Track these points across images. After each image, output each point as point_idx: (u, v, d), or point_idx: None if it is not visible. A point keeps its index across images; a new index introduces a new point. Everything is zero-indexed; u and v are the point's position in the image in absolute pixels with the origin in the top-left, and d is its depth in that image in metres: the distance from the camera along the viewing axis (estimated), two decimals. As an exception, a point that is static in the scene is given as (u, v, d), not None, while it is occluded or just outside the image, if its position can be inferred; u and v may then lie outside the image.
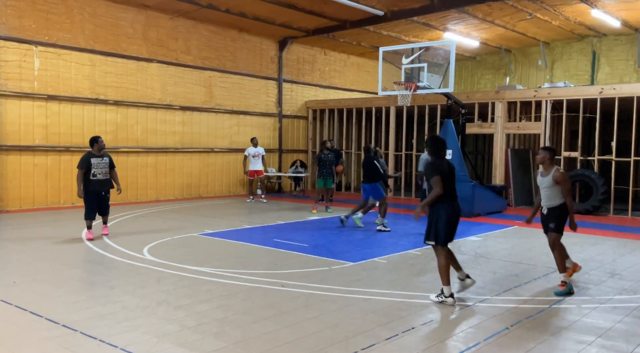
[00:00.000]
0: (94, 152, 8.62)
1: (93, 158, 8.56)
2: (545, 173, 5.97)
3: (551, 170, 5.93)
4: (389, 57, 12.83)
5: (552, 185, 5.88)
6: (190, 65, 15.21)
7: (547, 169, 5.99)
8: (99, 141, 8.67)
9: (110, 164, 8.77)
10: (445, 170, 5.55)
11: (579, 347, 4.29)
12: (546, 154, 6.01)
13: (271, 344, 4.23)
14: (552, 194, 5.93)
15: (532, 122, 14.26)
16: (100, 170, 8.60)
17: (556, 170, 5.89)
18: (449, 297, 5.40)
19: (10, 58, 11.81)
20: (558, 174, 5.84)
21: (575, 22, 15.88)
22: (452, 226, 5.57)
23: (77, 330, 4.44)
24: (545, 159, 5.99)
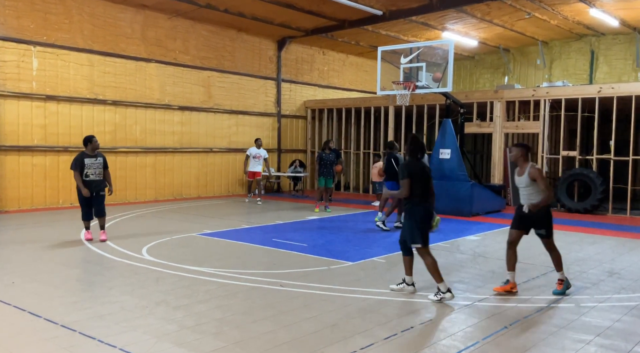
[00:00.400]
0: (87, 152, 8.42)
1: (86, 158, 8.36)
2: (521, 171, 5.72)
3: (526, 167, 5.67)
4: (388, 56, 12.84)
5: (529, 183, 5.62)
6: (189, 65, 15.20)
7: (522, 167, 5.72)
8: (93, 141, 8.46)
9: (104, 164, 8.56)
10: (417, 172, 5.56)
11: (578, 345, 4.29)
12: (519, 151, 5.73)
13: (270, 344, 4.24)
14: (532, 192, 5.65)
15: (531, 121, 14.27)
16: (94, 170, 8.39)
17: (531, 167, 5.66)
18: (446, 293, 5.42)
19: (8, 58, 11.80)
20: (533, 170, 5.61)
21: (574, 21, 15.89)
22: (427, 227, 5.60)
23: (76, 331, 4.44)
24: (518, 156, 5.73)
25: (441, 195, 12.29)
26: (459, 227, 10.53)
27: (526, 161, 5.72)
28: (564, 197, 13.21)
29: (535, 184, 5.60)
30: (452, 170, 12.28)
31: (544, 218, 5.73)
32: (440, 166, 12.46)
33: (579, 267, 7.12)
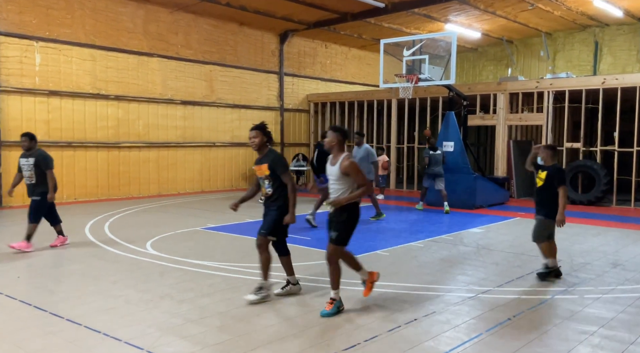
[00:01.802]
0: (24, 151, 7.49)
1: (21, 158, 7.50)
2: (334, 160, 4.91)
3: (339, 157, 4.85)
4: (390, 49, 12.79)
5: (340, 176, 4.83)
6: (191, 60, 15.18)
7: (335, 156, 4.91)
8: (21, 139, 7.43)
9: (36, 164, 7.32)
10: None
11: (582, 337, 4.29)
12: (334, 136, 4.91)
13: (274, 337, 4.25)
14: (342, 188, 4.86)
15: (534, 113, 14.21)
16: (26, 172, 7.43)
17: (345, 158, 4.83)
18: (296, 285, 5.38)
19: (11, 54, 11.81)
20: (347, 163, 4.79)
21: (577, 12, 15.78)
22: None
23: (81, 324, 4.47)
24: (332, 143, 4.91)
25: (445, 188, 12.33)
26: (463, 220, 10.52)
27: (341, 150, 4.95)
28: (568, 189, 13.15)
29: (348, 179, 4.82)
30: (455, 162, 12.25)
31: (342, 219, 4.81)
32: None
33: (583, 259, 7.10)
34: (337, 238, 4.82)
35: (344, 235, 4.84)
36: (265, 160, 5.22)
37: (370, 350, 4.01)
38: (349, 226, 4.86)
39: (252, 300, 5.07)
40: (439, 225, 9.97)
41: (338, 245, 4.83)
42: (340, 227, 4.81)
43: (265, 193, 5.31)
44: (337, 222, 4.83)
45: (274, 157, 5.22)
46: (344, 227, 4.82)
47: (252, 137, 5.24)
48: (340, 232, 4.81)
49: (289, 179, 5.21)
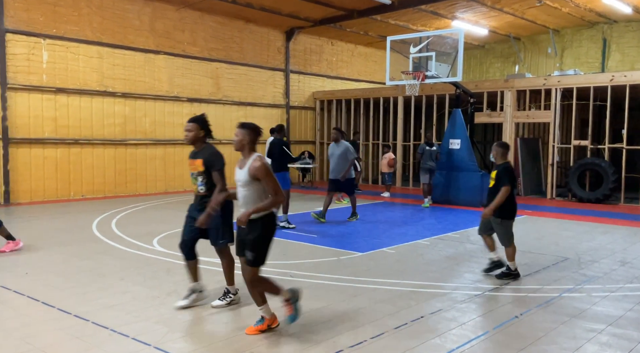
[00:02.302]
0: None
1: None
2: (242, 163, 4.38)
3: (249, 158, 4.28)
4: (397, 46, 12.75)
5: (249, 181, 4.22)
6: (198, 57, 15.20)
7: (245, 157, 4.36)
8: None
9: None
10: None
11: (590, 335, 4.27)
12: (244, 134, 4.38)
13: (280, 333, 4.25)
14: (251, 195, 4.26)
15: (542, 110, 14.12)
16: None
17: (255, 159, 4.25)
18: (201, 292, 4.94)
19: (18, 51, 11.86)
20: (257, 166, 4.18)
21: (586, 8, 15.66)
22: None
23: (88, 320, 4.49)
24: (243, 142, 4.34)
25: (451, 186, 12.32)
26: (469, 218, 10.48)
27: (252, 150, 4.28)
28: (576, 187, 13.10)
29: (259, 185, 4.16)
30: (462, 160, 12.22)
31: (256, 235, 4.13)
32: (450, 156, 12.40)
33: (591, 257, 7.06)
34: (254, 260, 4.14)
35: (261, 255, 4.17)
36: (201, 155, 4.79)
37: (376, 347, 4.00)
38: (265, 243, 4.18)
39: (217, 305, 4.83)
40: (445, 223, 9.94)
41: (256, 266, 4.18)
42: (255, 245, 4.12)
43: (198, 191, 4.86)
44: (251, 240, 4.13)
45: (210, 152, 4.76)
46: (259, 245, 4.13)
47: (187, 129, 4.84)
48: (256, 252, 4.13)
49: (220, 180, 4.69)
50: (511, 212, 5.91)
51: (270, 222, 4.20)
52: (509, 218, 5.92)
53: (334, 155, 9.80)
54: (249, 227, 4.15)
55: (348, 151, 9.73)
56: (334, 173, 9.78)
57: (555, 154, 13.69)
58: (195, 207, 4.88)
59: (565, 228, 9.37)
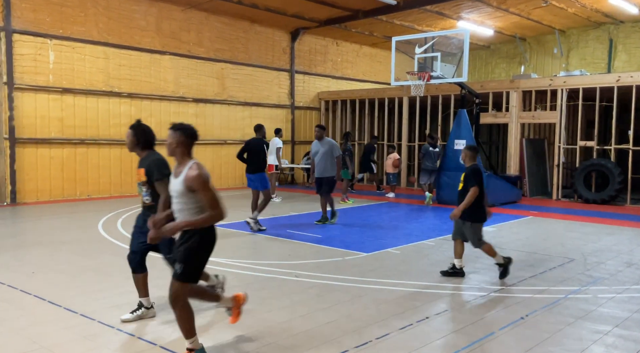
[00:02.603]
0: None
1: None
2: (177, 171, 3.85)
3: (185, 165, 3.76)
4: (402, 47, 12.73)
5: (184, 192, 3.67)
6: (203, 57, 15.24)
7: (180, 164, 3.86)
8: None
9: None
10: None
11: (596, 336, 4.25)
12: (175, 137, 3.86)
13: (286, 333, 4.26)
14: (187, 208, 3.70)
15: (548, 111, 14.08)
16: None
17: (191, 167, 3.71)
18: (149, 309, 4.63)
19: (25, 51, 11.93)
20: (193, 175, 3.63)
21: (592, 9, 15.60)
22: None
23: (94, 320, 4.51)
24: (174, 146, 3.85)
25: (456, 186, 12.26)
26: (474, 218, 10.44)
27: (187, 155, 3.76)
28: (582, 188, 13.05)
29: (195, 196, 3.61)
30: (467, 161, 12.17)
31: (190, 246, 3.63)
32: (455, 157, 12.36)
33: (597, 258, 7.04)
34: (184, 273, 3.61)
35: (193, 269, 3.66)
36: (143, 163, 4.46)
37: (381, 347, 4.00)
38: (200, 256, 3.67)
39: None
40: (450, 223, 9.87)
41: (185, 281, 3.64)
42: (187, 257, 3.61)
43: (143, 202, 4.53)
44: (181, 251, 3.63)
45: (150, 161, 4.39)
46: (190, 257, 3.62)
47: (126, 136, 4.65)
48: (186, 265, 3.61)
49: (163, 190, 4.15)
50: (480, 215, 5.91)
51: (208, 234, 3.68)
52: (479, 221, 5.93)
53: (319, 153, 9.45)
54: (186, 235, 3.65)
55: (334, 148, 9.46)
56: (320, 172, 9.43)
57: (561, 154, 13.64)
58: (142, 218, 4.52)
59: (571, 229, 9.34)
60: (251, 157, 8.91)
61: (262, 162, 8.92)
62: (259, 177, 8.85)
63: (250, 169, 8.91)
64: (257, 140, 9.01)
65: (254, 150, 8.92)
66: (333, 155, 9.43)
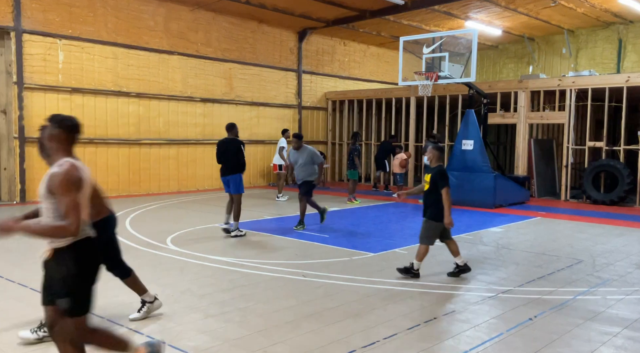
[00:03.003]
0: None
1: None
2: None
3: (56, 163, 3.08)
4: (410, 46, 12.71)
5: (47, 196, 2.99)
6: (211, 57, 15.29)
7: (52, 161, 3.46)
8: None
9: None
10: None
11: (605, 338, 4.23)
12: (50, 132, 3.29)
13: (293, 333, 4.27)
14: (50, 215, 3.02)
15: (556, 111, 14.01)
16: None
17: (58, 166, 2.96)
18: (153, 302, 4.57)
19: (35, 51, 12.01)
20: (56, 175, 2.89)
21: (601, 9, 15.50)
22: None
23: (104, 318, 4.54)
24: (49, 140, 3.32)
25: (464, 187, 12.26)
26: (482, 219, 10.43)
27: (63, 152, 3.06)
28: (590, 189, 12.97)
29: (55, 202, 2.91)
30: (474, 161, 12.15)
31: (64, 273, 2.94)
32: (462, 157, 12.35)
33: (605, 259, 6.99)
34: (72, 307, 2.92)
35: (80, 298, 2.96)
36: None
37: (389, 347, 4.00)
38: (82, 280, 2.97)
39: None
40: (457, 224, 9.85)
41: (77, 316, 2.96)
42: (66, 286, 2.91)
43: None
44: (59, 280, 2.94)
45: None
46: (72, 285, 2.93)
47: None
48: (71, 295, 2.91)
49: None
50: (439, 215, 5.92)
51: (84, 250, 2.97)
52: (436, 221, 5.94)
53: (298, 162, 9.20)
54: (53, 260, 2.95)
55: (314, 156, 9.17)
56: (301, 178, 9.23)
57: (569, 155, 13.57)
58: None
59: (579, 230, 9.29)
60: (224, 158, 8.40)
61: (237, 164, 8.34)
62: (233, 179, 8.33)
63: (223, 170, 8.43)
64: (230, 140, 8.42)
65: (227, 150, 8.38)
66: (314, 163, 9.16)
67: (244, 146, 8.46)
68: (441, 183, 5.83)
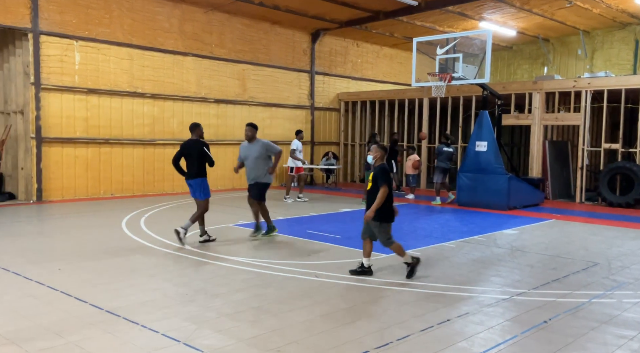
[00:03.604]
0: None
1: None
2: None
3: None
4: (423, 47, 12.68)
5: None
6: (225, 59, 15.38)
7: None
8: None
9: None
10: None
11: (620, 341, 4.19)
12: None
13: (307, 333, 4.29)
14: None
15: (571, 113, 13.89)
16: None
17: None
18: None
19: (52, 53, 12.18)
20: None
21: (617, 9, 15.34)
22: None
23: (120, 316, 4.60)
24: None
25: (477, 188, 12.21)
26: (496, 221, 10.37)
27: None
28: (606, 191, 12.84)
29: None
30: (488, 162, 12.09)
31: None
32: (476, 159, 12.28)
33: (621, 262, 6.92)
34: None
35: None
36: None
37: (402, 349, 4.01)
38: None
39: None
40: (471, 225, 9.86)
41: None
42: None
43: None
44: None
45: None
46: None
47: None
48: None
49: None
50: (389, 215, 5.93)
51: None
52: (388, 221, 5.94)
53: (250, 157, 8.13)
54: None
55: (268, 148, 8.16)
56: (253, 178, 8.20)
57: (585, 157, 13.44)
58: None
59: (594, 233, 9.20)
60: (188, 161, 7.89)
61: (201, 167, 7.86)
62: (197, 183, 7.85)
63: (188, 174, 7.90)
64: (193, 141, 7.89)
65: (190, 153, 7.82)
66: (268, 154, 8.16)
67: (207, 148, 7.89)
68: (381, 180, 5.82)
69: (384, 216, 5.90)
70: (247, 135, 8.28)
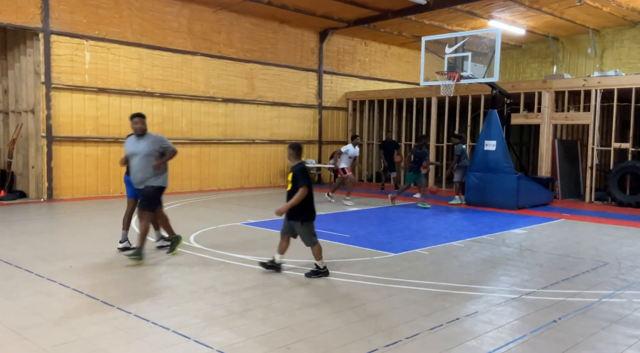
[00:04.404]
0: None
1: None
2: None
3: None
4: (432, 46, 12.66)
5: None
6: (233, 58, 15.43)
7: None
8: None
9: None
10: None
11: (630, 341, 4.18)
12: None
13: (316, 331, 4.31)
14: None
15: (581, 112, 13.80)
16: None
17: None
18: None
19: (62, 52, 12.28)
20: None
21: (628, 8, 15.22)
22: None
23: (131, 313, 4.64)
24: None
25: (486, 188, 12.17)
26: (505, 220, 10.34)
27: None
28: (616, 191, 12.75)
29: None
30: (497, 162, 12.05)
31: None
32: (485, 158, 12.25)
33: (631, 262, 6.88)
34: None
35: None
36: None
37: (411, 347, 4.01)
38: None
39: None
40: (480, 225, 9.83)
41: None
42: None
43: None
44: None
45: None
46: None
47: None
48: None
49: None
50: (310, 213, 5.93)
51: None
52: (310, 220, 5.94)
53: (138, 154, 6.63)
54: None
55: (162, 144, 6.84)
56: (140, 180, 6.65)
57: (594, 156, 13.36)
58: None
59: (604, 232, 9.15)
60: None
61: None
62: None
63: None
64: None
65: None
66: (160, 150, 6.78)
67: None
68: (300, 181, 5.81)
69: (306, 216, 5.91)
70: (137, 129, 6.68)
